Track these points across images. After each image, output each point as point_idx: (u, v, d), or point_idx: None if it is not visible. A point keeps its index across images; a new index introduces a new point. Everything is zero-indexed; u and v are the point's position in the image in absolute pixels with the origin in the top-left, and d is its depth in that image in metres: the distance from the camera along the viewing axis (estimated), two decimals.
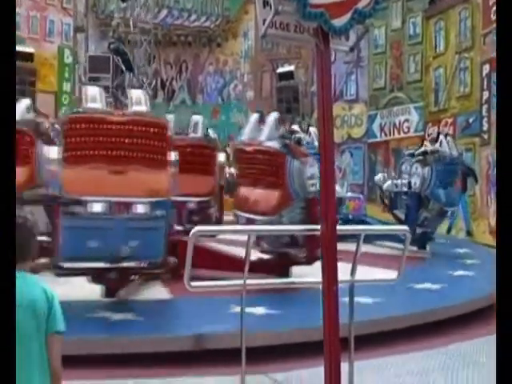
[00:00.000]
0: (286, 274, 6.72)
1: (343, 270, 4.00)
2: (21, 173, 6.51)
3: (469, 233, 15.75)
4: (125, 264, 6.01)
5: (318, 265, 4.00)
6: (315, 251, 6.93)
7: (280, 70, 20.23)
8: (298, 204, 7.63)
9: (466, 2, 17.55)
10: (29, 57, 16.69)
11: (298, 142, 8.21)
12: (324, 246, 3.89)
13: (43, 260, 6.36)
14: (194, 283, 3.97)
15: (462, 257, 11.25)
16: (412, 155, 12.47)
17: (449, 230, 15.83)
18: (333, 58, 17.11)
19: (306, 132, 9.65)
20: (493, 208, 15.07)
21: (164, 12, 20.79)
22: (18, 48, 16.87)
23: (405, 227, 4.73)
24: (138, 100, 6.59)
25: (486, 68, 16.03)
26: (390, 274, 4.70)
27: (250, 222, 6.90)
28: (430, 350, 6.12)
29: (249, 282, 4.02)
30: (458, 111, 17.61)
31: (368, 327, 5.72)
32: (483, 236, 15.28)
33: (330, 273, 3.84)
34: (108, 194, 6.00)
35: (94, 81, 15.60)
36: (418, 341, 6.32)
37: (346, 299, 4.29)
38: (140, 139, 6.18)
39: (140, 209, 6.03)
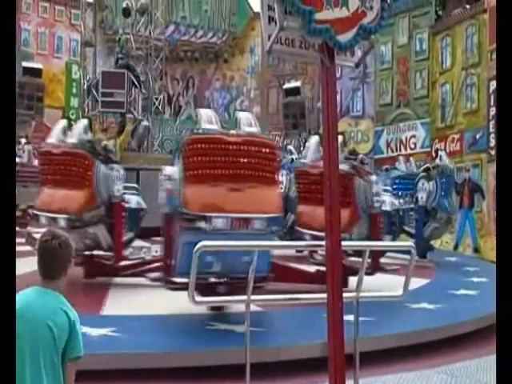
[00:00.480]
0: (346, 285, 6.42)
1: None
2: (81, 195, 7.86)
3: (476, 249, 15.65)
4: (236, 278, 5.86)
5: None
6: (378, 261, 8.08)
7: (286, 85, 20.43)
8: (365, 220, 8.16)
9: (472, 18, 17.61)
10: (37, 72, 16.89)
11: (362, 162, 8.82)
12: (329, 262, 3.87)
13: (155, 274, 7.08)
14: (198, 298, 3.96)
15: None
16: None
17: (456, 247, 15.77)
18: (339, 74, 17.16)
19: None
20: None
21: (171, 28, 20.95)
22: (27, 64, 17.11)
23: (410, 243, 4.71)
24: (249, 122, 7.04)
25: (493, 84, 16.01)
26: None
27: (315, 238, 7.00)
28: (435, 367, 6.07)
29: (253, 298, 4.00)
30: (465, 127, 17.59)
31: (373, 344, 5.68)
32: (491, 253, 15.17)
33: (334, 288, 3.82)
34: (228, 210, 6.29)
35: (107, 96, 15.75)
36: (423, 358, 6.26)
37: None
38: (255, 159, 6.57)
39: (257, 224, 6.29)
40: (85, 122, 8.60)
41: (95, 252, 8.53)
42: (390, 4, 4.23)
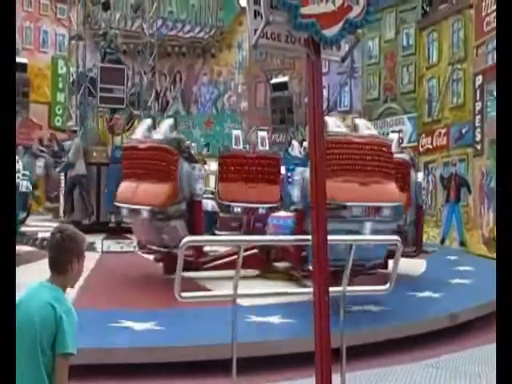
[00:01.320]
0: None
1: None
2: (166, 189, 8.21)
3: (462, 243, 15.77)
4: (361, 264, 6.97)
5: None
6: (421, 245, 9.83)
7: (274, 80, 20.42)
8: (412, 209, 9.48)
9: (458, 13, 17.68)
10: (23, 67, 16.72)
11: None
12: (315, 256, 3.87)
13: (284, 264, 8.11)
14: (184, 294, 3.95)
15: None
16: None
17: (442, 241, 15.89)
18: (326, 69, 17.19)
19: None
20: (486, 218, 15.10)
21: (158, 23, 20.86)
22: None
23: (396, 237, 4.73)
24: (367, 126, 8.43)
25: (479, 79, 16.12)
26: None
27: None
28: (422, 361, 6.11)
29: (240, 292, 4.00)
30: (452, 122, 17.68)
31: (360, 338, 5.70)
32: (477, 246, 15.29)
33: (321, 283, 3.83)
34: (361, 200, 7.39)
35: (106, 92, 15.66)
36: (410, 352, 6.30)
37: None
38: (377, 157, 7.72)
39: (385, 212, 7.51)
40: (170, 121, 9.00)
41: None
42: None
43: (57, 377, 2.60)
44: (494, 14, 15.44)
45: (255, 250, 8.35)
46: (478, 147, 15.78)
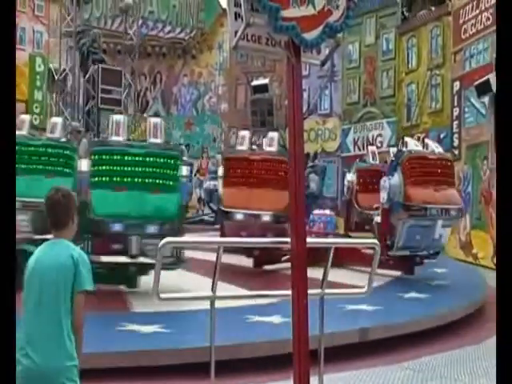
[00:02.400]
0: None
1: None
2: (286, 195, 7.59)
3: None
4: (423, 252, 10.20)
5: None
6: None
7: (254, 82, 20.42)
8: None
9: (437, 20, 17.89)
10: None
11: None
12: (294, 259, 3.88)
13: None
14: (162, 295, 3.93)
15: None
16: None
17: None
18: (307, 72, 17.33)
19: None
20: (463, 223, 15.27)
21: (139, 22, 20.74)
22: None
23: (374, 240, 4.75)
24: (435, 144, 10.82)
25: (457, 85, 16.32)
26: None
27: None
28: (400, 362, 6.15)
29: (218, 294, 3.99)
30: (430, 127, 17.87)
31: (338, 339, 5.72)
32: (454, 250, 15.46)
33: (300, 285, 3.83)
34: (435, 203, 9.76)
35: (106, 93, 15.58)
36: (388, 354, 6.34)
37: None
38: (445, 169, 10.27)
39: (453, 212, 9.99)
40: (275, 134, 10.25)
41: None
42: (357, 3, 4.26)
43: (77, 309, 3.00)
44: (472, 21, 15.65)
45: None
46: (456, 152, 15.96)
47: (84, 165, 7.58)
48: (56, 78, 16.10)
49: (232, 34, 3.81)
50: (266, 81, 19.74)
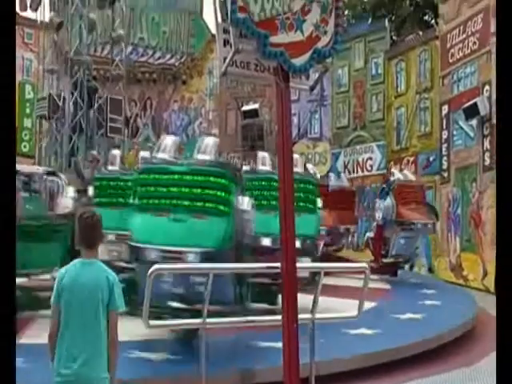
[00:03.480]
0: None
1: None
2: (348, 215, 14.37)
3: (430, 269, 15.93)
4: None
5: None
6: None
7: (245, 107, 20.53)
8: None
9: (425, 44, 18.12)
10: None
11: None
12: (284, 283, 3.86)
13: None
14: (152, 322, 3.89)
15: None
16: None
17: (411, 267, 16.01)
18: (297, 97, 17.45)
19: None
20: (453, 245, 15.29)
21: (129, 49, 20.84)
22: None
23: (364, 264, 4.74)
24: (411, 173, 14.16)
25: (445, 108, 16.48)
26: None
27: None
28: None
29: (208, 320, 3.95)
30: (419, 150, 17.99)
31: (330, 366, 5.66)
32: (444, 272, 15.45)
33: (290, 310, 3.81)
34: (420, 219, 12.82)
35: (113, 123, 15.78)
36: (378, 378, 6.28)
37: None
38: (420, 192, 13.46)
39: (429, 226, 13.04)
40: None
41: None
42: (346, 28, 4.31)
43: (112, 326, 3.31)
44: (459, 45, 15.87)
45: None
46: (445, 175, 16.05)
47: None
48: (60, 105, 16.14)
49: (221, 60, 3.85)
50: (256, 106, 19.87)
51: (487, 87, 14.55)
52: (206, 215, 6.07)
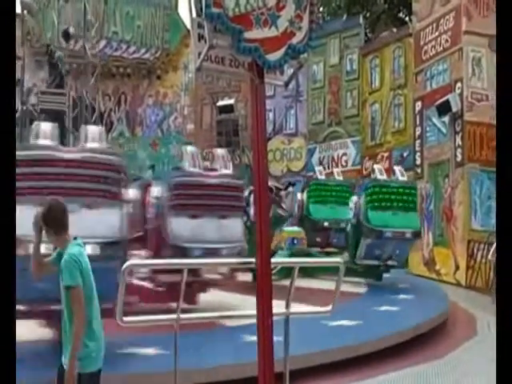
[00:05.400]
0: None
1: None
2: None
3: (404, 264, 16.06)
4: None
5: None
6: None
7: (220, 103, 20.49)
8: None
9: (399, 41, 18.28)
10: None
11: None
12: (259, 279, 3.87)
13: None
14: (126, 318, 3.87)
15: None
16: None
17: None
18: (272, 92, 17.52)
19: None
20: (426, 240, 15.48)
21: (102, 43, 20.60)
22: None
23: (339, 259, 4.78)
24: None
25: (419, 105, 16.65)
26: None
27: None
28: (363, 380, 6.15)
29: (182, 316, 3.94)
30: (393, 146, 18.16)
31: (303, 361, 5.70)
32: (418, 267, 15.63)
33: (264, 305, 3.82)
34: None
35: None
36: (351, 372, 6.34)
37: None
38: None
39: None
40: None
41: None
42: (321, 25, 4.33)
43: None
44: (432, 43, 16.04)
45: None
46: (418, 171, 16.23)
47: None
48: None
49: (195, 55, 3.83)
50: (231, 101, 19.85)
51: (459, 84, 14.75)
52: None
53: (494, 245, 12.13)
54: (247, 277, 8.36)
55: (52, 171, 5.53)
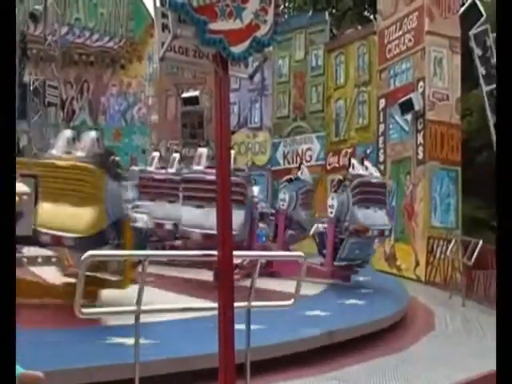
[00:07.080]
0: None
1: None
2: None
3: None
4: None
5: None
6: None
7: (185, 94, 20.34)
8: None
9: (363, 38, 18.43)
10: None
11: None
12: (221, 271, 3.87)
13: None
14: (85, 310, 3.82)
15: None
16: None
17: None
18: (238, 86, 17.49)
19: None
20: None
21: (64, 29, 20.21)
22: None
23: (300, 253, 4.81)
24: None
25: (382, 102, 16.86)
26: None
27: None
28: (324, 374, 6.21)
29: (143, 308, 3.92)
30: (357, 142, 18.34)
31: (264, 353, 5.72)
32: (379, 262, 15.86)
33: (225, 298, 3.82)
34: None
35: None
36: (312, 365, 6.40)
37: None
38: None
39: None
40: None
41: None
42: (286, 19, 4.33)
43: None
44: (396, 41, 16.25)
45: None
46: (382, 167, 16.44)
47: None
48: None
49: (159, 45, 3.79)
50: (196, 93, 19.72)
51: (421, 83, 14.98)
52: None
53: (453, 241, 12.42)
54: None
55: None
